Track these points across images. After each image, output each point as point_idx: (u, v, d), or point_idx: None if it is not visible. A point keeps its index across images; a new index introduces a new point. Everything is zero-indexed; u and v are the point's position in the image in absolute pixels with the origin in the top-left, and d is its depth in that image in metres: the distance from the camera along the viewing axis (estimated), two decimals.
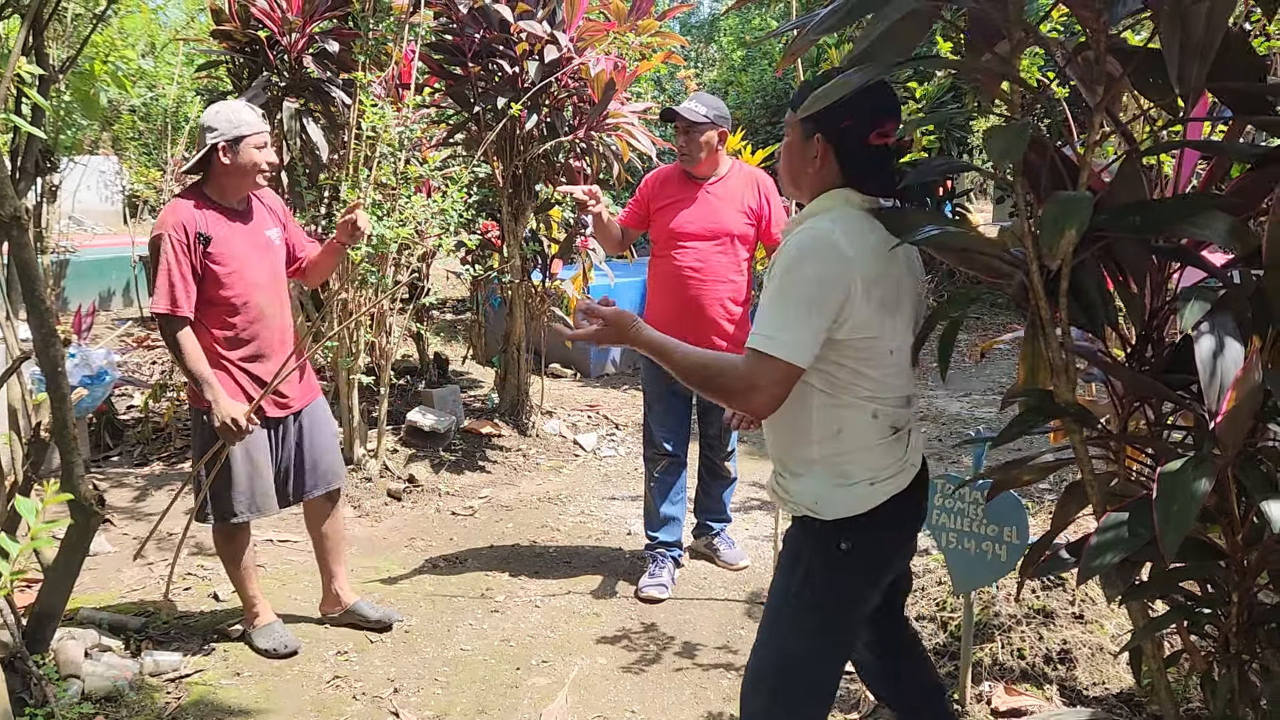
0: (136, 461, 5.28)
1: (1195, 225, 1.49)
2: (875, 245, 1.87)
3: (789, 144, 1.99)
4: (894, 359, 1.93)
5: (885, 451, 1.95)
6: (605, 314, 2.02)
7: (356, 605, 3.53)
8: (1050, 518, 1.95)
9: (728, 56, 15.20)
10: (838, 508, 1.95)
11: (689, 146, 3.67)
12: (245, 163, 3.04)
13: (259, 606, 3.36)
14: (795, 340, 1.80)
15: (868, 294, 1.84)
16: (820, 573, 1.99)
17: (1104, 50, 1.53)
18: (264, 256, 3.19)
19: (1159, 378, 1.65)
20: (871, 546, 1.98)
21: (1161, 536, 1.33)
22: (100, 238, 10.81)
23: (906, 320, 1.97)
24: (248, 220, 3.17)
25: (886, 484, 1.95)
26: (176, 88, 9.13)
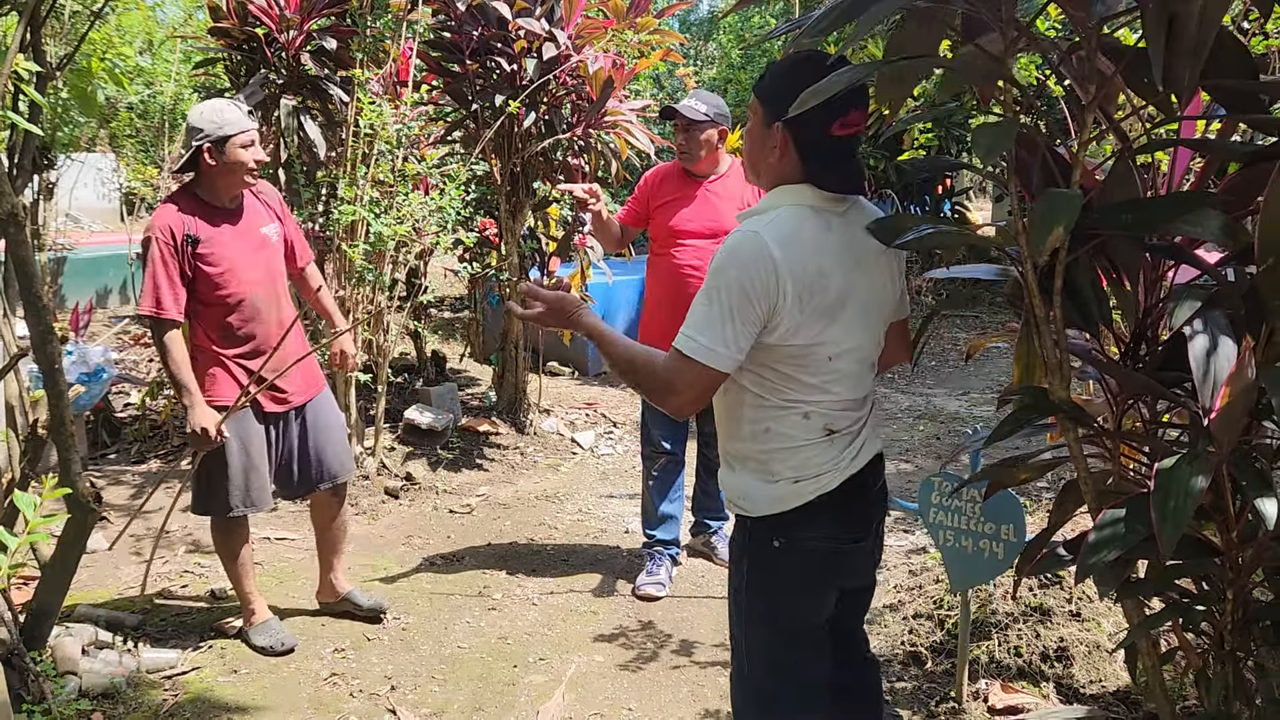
0: (134, 459, 5.28)
1: (1188, 223, 1.49)
2: (820, 248, 1.81)
3: (750, 129, 1.93)
4: (834, 365, 1.87)
5: (815, 452, 1.90)
6: (547, 297, 2.01)
7: (350, 594, 3.56)
8: (1046, 515, 1.96)
9: (727, 54, 15.18)
10: (761, 505, 1.94)
11: (688, 144, 3.67)
12: (232, 162, 3.04)
13: (255, 604, 3.36)
14: (714, 344, 1.77)
15: (800, 300, 1.78)
16: (758, 571, 1.98)
17: (1095, 48, 1.53)
18: (258, 253, 3.19)
19: (1153, 375, 1.66)
20: (804, 545, 1.93)
21: (1159, 533, 1.33)
22: (97, 235, 10.80)
23: (859, 325, 1.89)
24: (240, 218, 3.17)
25: (811, 483, 1.90)
26: (174, 85, 9.14)
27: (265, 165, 3.14)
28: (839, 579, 2.02)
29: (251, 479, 3.19)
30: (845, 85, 1.51)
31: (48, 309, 2.45)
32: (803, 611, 2.00)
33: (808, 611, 2.00)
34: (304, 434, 3.32)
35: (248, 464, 3.18)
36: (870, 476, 2.00)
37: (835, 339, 1.86)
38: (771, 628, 2.00)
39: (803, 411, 1.89)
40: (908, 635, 3.26)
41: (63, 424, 2.53)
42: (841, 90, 1.53)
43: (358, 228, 4.69)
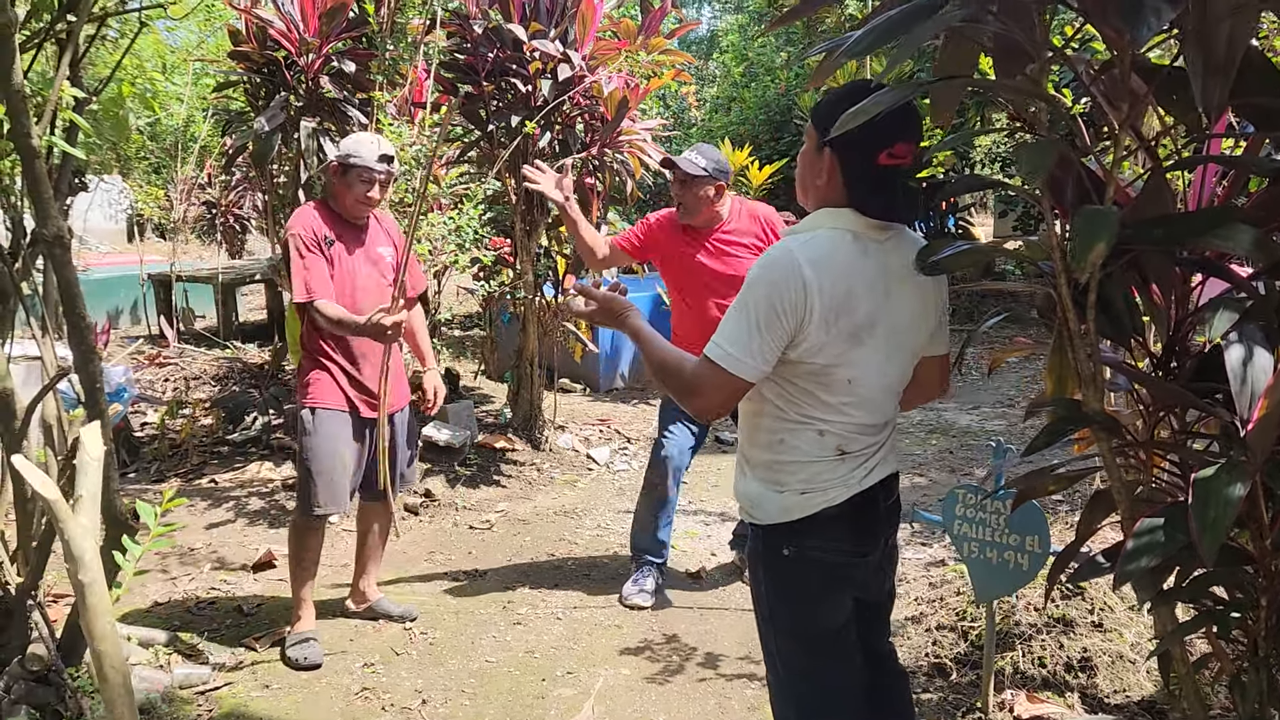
0: (153, 478, 5.31)
1: (1219, 238, 1.53)
2: (852, 272, 1.85)
3: (804, 151, 1.99)
4: (854, 387, 1.90)
5: (825, 468, 1.94)
6: (599, 297, 2.09)
7: (379, 601, 3.71)
8: (1065, 528, 1.99)
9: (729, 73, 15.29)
10: (769, 513, 1.98)
11: (686, 199, 3.70)
12: (347, 187, 3.33)
13: (303, 611, 3.45)
14: (740, 354, 1.83)
15: (826, 321, 1.83)
16: (773, 578, 2.02)
17: (1129, 69, 1.58)
18: (374, 268, 3.43)
19: (1186, 387, 1.69)
20: (813, 554, 1.97)
21: (1200, 541, 1.37)
22: (108, 257, 10.89)
23: (882, 353, 1.91)
24: (364, 233, 3.44)
25: (818, 496, 1.94)
26: (184, 107, 9.22)
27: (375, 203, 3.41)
28: (850, 589, 2.04)
29: (338, 480, 3.33)
30: (886, 107, 1.56)
31: (90, 329, 2.49)
32: (819, 618, 2.02)
33: (824, 618, 2.02)
34: (393, 440, 3.47)
35: (338, 467, 3.33)
36: (882, 493, 2.02)
37: (857, 363, 1.89)
38: (792, 634, 2.04)
39: (818, 429, 1.93)
40: (931, 647, 3.29)
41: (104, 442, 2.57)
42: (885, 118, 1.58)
43: None
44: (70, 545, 1.74)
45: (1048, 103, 1.64)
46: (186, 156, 9.41)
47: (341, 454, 3.34)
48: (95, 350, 2.49)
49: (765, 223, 3.78)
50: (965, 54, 1.74)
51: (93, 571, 1.75)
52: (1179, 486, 1.78)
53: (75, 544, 1.74)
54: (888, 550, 2.11)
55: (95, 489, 1.86)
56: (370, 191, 3.33)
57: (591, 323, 2.15)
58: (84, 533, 1.77)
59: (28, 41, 2.66)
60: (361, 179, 3.30)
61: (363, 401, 3.38)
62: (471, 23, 5.11)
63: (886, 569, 2.15)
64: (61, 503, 1.73)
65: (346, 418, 3.36)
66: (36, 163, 2.25)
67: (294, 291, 3.23)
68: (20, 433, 2.74)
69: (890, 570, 2.17)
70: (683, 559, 4.33)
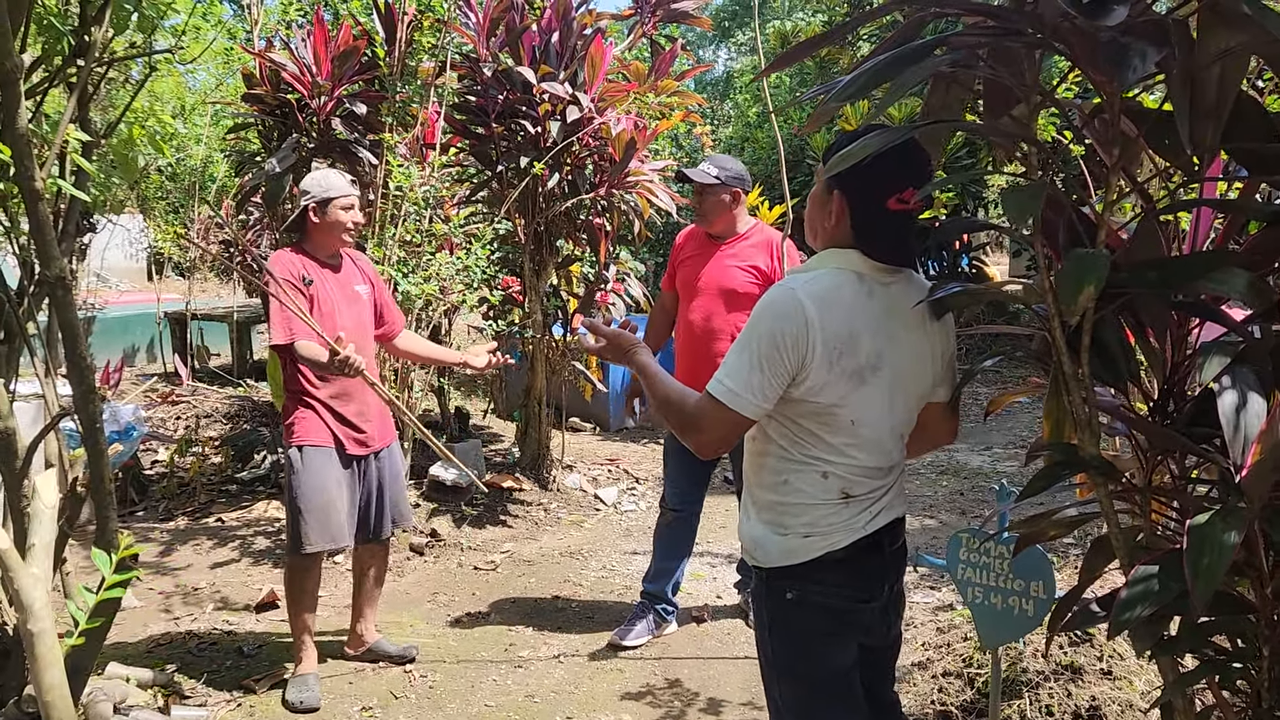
0: (161, 516, 5.32)
1: (1214, 281, 1.52)
2: (856, 312, 1.85)
3: (814, 193, 2.00)
4: (857, 429, 1.89)
5: (828, 511, 1.92)
6: (607, 333, 2.12)
7: (378, 643, 3.70)
8: (1074, 572, 1.96)
9: (743, 113, 15.40)
10: (772, 555, 1.96)
11: (700, 207, 3.78)
12: (332, 221, 3.41)
13: (304, 653, 3.45)
14: (740, 390, 1.83)
15: (829, 360, 1.82)
16: (777, 623, 2.01)
17: (1118, 112, 1.58)
18: (352, 306, 3.50)
19: (1182, 431, 1.67)
20: (816, 598, 1.96)
21: (1193, 589, 1.34)
22: (125, 295, 10.99)
23: (885, 396, 1.90)
24: (339, 272, 3.51)
25: (820, 540, 1.92)
26: (203, 148, 9.35)
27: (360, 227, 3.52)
28: (854, 634, 2.02)
29: (331, 516, 3.34)
30: (876, 149, 1.56)
31: (90, 368, 2.51)
32: (822, 663, 2.00)
33: (827, 663, 2.00)
34: (381, 478, 3.53)
35: (328, 501, 3.34)
36: (887, 538, 2.00)
37: (861, 404, 1.88)
38: (795, 677, 2.02)
39: (821, 470, 1.91)
40: (937, 694, 3.23)
41: (103, 481, 2.58)
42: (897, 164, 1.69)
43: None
44: (20, 595, 1.73)
45: (1035, 146, 1.64)
46: (204, 196, 9.52)
47: (330, 490, 3.35)
48: (95, 390, 2.50)
49: (774, 247, 3.78)
50: (957, 97, 1.75)
51: (42, 621, 1.74)
52: (1179, 533, 1.75)
53: (25, 593, 1.72)
54: (893, 596, 2.08)
55: (48, 538, 1.86)
56: (355, 217, 3.44)
57: (601, 358, 2.17)
58: (34, 582, 1.75)
59: (38, 86, 2.71)
60: (342, 207, 3.40)
61: (349, 438, 3.41)
62: (482, 65, 5.18)
63: (892, 615, 2.11)
64: (12, 552, 1.72)
65: (333, 453, 3.38)
66: (40, 205, 2.28)
67: (275, 333, 3.26)
68: (21, 472, 2.75)
69: (896, 616, 2.14)
70: (687, 600, 4.28)
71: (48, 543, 1.86)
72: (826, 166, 1.64)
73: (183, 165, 9.65)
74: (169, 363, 9.39)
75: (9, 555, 1.70)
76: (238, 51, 8.15)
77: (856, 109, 9.15)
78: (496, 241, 5.35)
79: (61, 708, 1.79)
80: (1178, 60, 1.43)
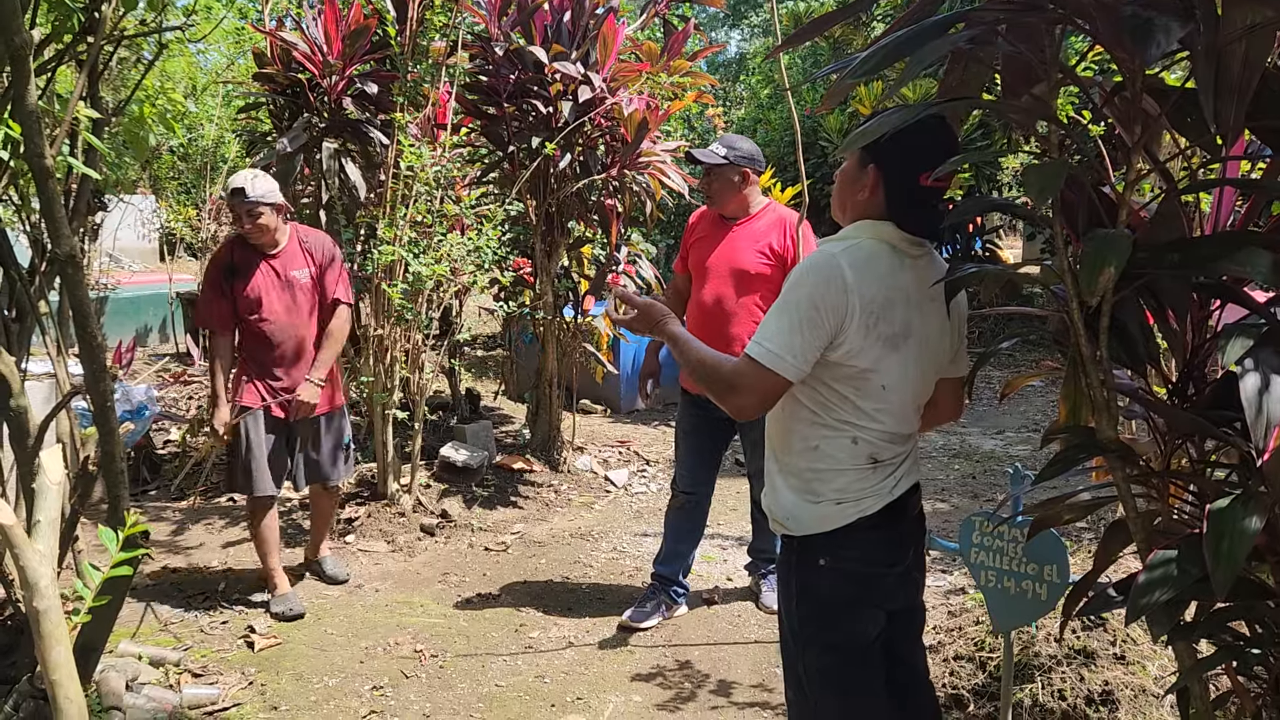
0: (173, 495, 5.34)
1: (1236, 262, 1.49)
2: (891, 280, 1.91)
3: (844, 169, 2.05)
4: (887, 395, 1.95)
5: (858, 476, 1.98)
6: (639, 303, 2.14)
7: (322, 559, 4.34)
8: (1088, 556, 1.95)
9: (756, 94, 15.30)
10: (806, 524, 2.01)
11: (709, 188, 3.74)
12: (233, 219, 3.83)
13: (277, 578, 3.98)
14: (781, 352, 1.87)
15: (866, 324, 1.88)
16: (808, 590, 2.04)
17: (1140, 90, 1.55)
18: (284, 291, 3.88)
19: (1202, 414, 1.65)
20: (849, 564, 2.01)
21: (1213, 575, 1.32)
22: (138, 275, 11.00)
23: (914, 364, 1.97)
24: (276, 260, 3.88)
25: (853, 506, 1.98)
26: (215, 128, 9.34)
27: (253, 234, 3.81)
28: (882, 600, 2.07)
29: (253, 469, 3.85)
30: (893, 127, 1.55)
31: (102, 348, 2.50)
32: (851, 628, 2.04)
33: (856, 629, 2.04)
34: (316, 442, 4.03)
35: (250, 457, 3.84)
36: (909, 504, 2.06)
37: (891, 370, 1.94)
38: (823, 645, 2.05)
39: (852, 436, 1.96)
40: (949, 677, 3.22)
41: (114, 460, 2.58)
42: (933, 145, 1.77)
43: (396, 267, 4.76)
44: (26, 572, 1.72)
45: (1055, 123, 1.61)
46: (215, 177, 9.52)
47: (255, 447, 3.83)
48: (106, 368, 2.50)
49: (788, 227, 3.73)
50: (974, 75, 1.72)
51: (48, 599, 1.73)
52: (1198, 518, 1.73)
53: (31, 571, 1.71)
54: (917, 559, 2.15)
55: (53, 515, 1.85)
56: (242, 224, 3.76)
57: (630, 330, 2.18)
58: (40, 559, 1.75)
59: (48, 63, 2.70)
60: (234, 212, 3.77)
61: (275, 404, 3.88)
62: (493, 45, 5.14)
63: (917, 577, 2.17)
64: (18, 528, 1.72)
65: (260, 417, 3.85)
66: (50, 183, 2.27)
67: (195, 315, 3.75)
68: (34, 450, 2.75)
69: (920, 579, 2.20)
70: (698, 582, 4.28)
71: (53, 519, 1.85)
72: (844, 144, 1.65)
73: (194, 145, 9.65)
74: (181, 343, 9.41)
75: (13, 532, 1.70)
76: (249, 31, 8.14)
77: (870, 89, 9.08)
78: (508, 222, 5.32)
79: (68, 685, 1.79)
80: (1202, 36, 1.40)
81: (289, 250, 3.91)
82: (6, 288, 2.89)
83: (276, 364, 3.89)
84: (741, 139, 3.76)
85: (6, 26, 2.10)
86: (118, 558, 1.78)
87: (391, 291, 4.64)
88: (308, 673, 3.44)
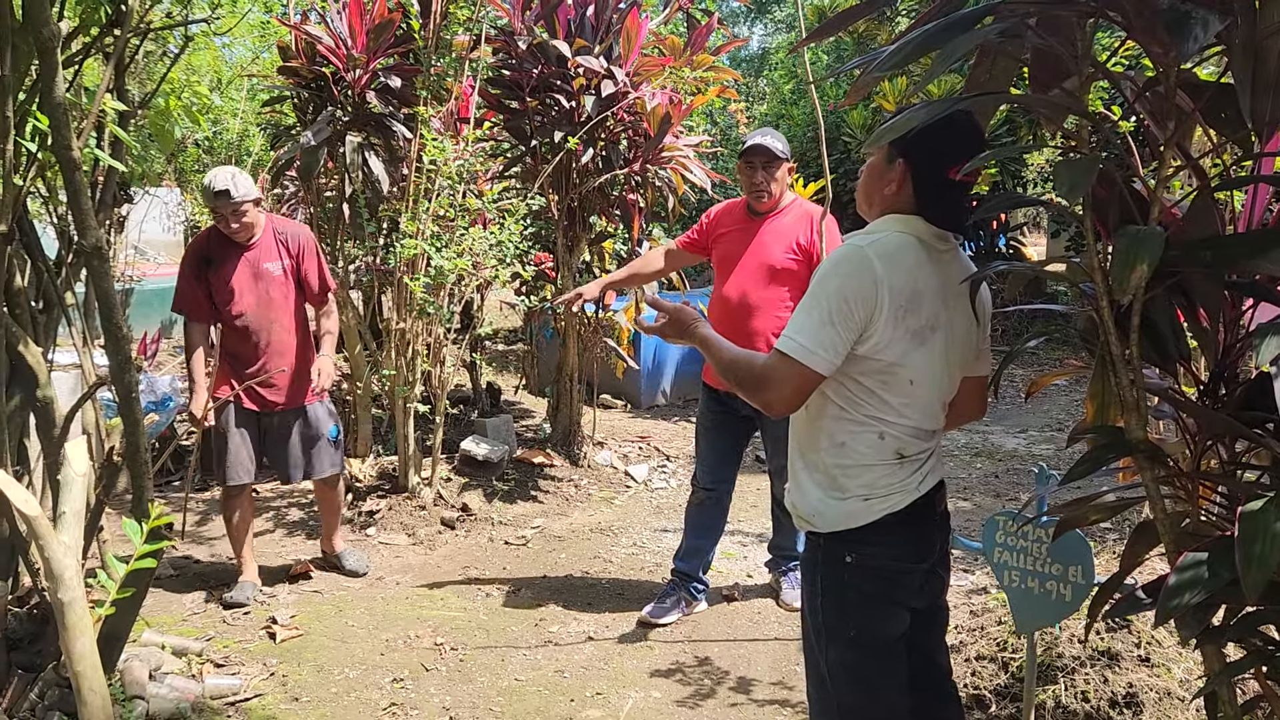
0: (197, 486, 5.37)
1: (1270, 260, 1.47)
2: (919, 273, 1.90)
3: (871, 164, 2.05)
4: (914, 389, 1.94)
5: (885, 472, 1.97)
6: (669, 308, 2.13)
7: (341, 553, 4.36)
8: (1113, 557, 1.92)
9: (778, 89, 15.23)
10: (832, 520, 2.00)
11: (767, 180, 3.65)
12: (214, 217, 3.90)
13: (245, 567, 4.08)
14: (812, 346, 1.86)
15: (895, 317, 1.87)
16: (832, 589, 2.03)
17: (1174, 85, 1.52)
18: (257, 283, 3.95)
19: (1234, 415, 1.62)
20: (877, 560, 2.00)
21: (1244, 578, 1.30)
22: (163, 267, 11.08)
23: (941, 359, 1.97)
24: (251, 252, 3.96)
25: (882, 502, 1.97)
26: (240, 121, 9.38)
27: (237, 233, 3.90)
28: (907, 598, 2.06)
29: (228, 459, 3.95)
30: (921, 122, 1.53)
31: (127, 339, 2.52)
32: (876, 627, 2.03)
33: (881, 627, 2.04)
34: (281, 434, 4.06)
35: (225, 448, 3.94)
36: (935, 501, 2.06)
37: (919, 364, 1.93)
38: (847, 643, 2.04)
39: (879, 431, 1.96)
40: (970, 677, 3.20)
41: (138, 451, 2.59)
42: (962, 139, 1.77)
43: (418, 261, 4.77)
44: (50, 563, 1.73)
45: (1086, 118, 1.59)
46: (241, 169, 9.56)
47: (228, 438, 3.92)
48: (131, 360, 2.51)
49: (813, 221, 3.70)
50: (1002, 70, 1.70)
51: (73, 590, 1.74)
52: (1228, 520, 1.71)
53: (56, 562, 1.73)
54: (942, 556, 2.14)
55: (78, 506, 1.86)
56: (226, 224, 3.83)
57: (662, 337, 2.17)
58: (65, 551, 1.76)
59: (75, 55, 2.71)
60: (215, 211, 3.83)
61: (246, 396, 3.94)
62: (517, 39, 5.14)
63: (942, 575, 2.17)
64: (43, 519, 1.73)
65: (231, 409, 3.93)
66: (76, 174, 2.28)
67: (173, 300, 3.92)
68: (60, 440, 2.78)
69: (945, 576, 2.19)
70: (718, 579, 4.27)
71: (78, 510, 1.87)
72: (874, 136, 1.64)
73: (219, 138, 9.69)
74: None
75: (39, 523, 1.71)
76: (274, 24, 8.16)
77: (895, 85, 9.02)
78: (530, 217, 5.32)
79: (91, 676, 1.80)
80: (1240, 30, 1.37)
81: (263, 242, 3.99)
82: (34, 279, 2.92)
83: (250, 355, 3.96)
84: (777, 133, 3.73)
85: (35, 19, 2.12)
86: (141, 550, 1.79)
87: (413, 285, 4.66)
88: (328, 664, 3.45)
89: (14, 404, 2.75)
